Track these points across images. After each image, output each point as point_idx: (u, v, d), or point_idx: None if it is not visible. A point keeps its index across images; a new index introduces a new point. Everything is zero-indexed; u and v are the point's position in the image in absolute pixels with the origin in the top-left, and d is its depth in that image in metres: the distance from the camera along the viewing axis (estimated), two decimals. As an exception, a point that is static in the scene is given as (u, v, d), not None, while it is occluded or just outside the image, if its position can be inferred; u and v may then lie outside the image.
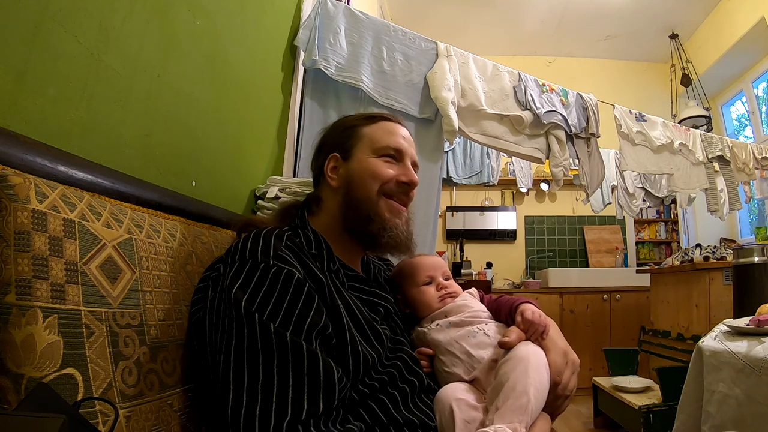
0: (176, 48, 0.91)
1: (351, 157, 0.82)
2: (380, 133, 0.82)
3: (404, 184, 0.81)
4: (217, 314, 0.62)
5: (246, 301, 0.59)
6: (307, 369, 0.57)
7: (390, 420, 0.67)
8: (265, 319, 0.58)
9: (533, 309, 0.78)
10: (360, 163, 0.80)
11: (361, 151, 0.81)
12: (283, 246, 0.66)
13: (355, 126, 0.84)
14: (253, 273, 0.61)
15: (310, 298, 0.63)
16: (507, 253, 4.34)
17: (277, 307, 0.59)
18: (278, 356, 0.57)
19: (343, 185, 0.80)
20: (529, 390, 0.65)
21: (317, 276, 0.66)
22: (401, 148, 0.82)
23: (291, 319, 0.60)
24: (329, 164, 0.82)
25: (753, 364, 1.15)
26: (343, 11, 1.60)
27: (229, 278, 0.62)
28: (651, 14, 3.82)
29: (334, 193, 0.81)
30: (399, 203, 0.81)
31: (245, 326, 0.58)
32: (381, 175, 0.79)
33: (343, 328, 0.66)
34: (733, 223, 4.02)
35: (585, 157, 2.13)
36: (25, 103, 0.59)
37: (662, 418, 1.98)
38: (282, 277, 0.62)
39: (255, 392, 0.55)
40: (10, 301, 0.44)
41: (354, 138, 0.82)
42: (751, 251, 1.65)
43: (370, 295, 0.78)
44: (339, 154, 0.82)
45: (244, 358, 0.57)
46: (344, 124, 0.86)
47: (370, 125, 0.84)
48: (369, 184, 0.79)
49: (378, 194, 0.79)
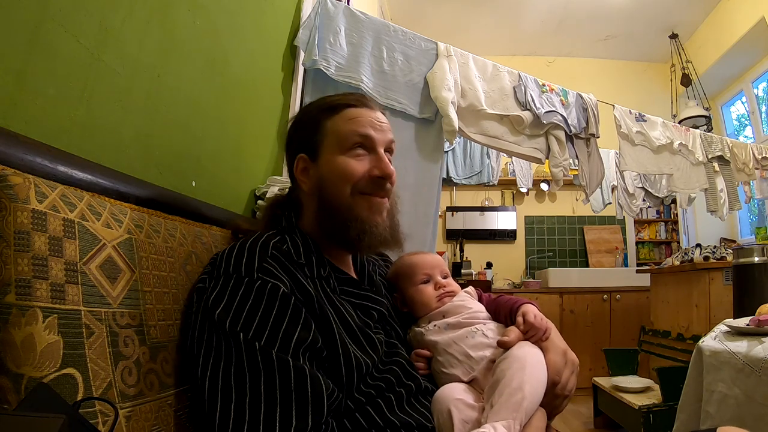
0: (176, 48, 0.91)
1: (319, 157, 0.76)
2: (343, 125, 0.75)
3: (378, 179, 0.74)
4: (200, 330, 0.62)
5: (230, 322, 0.59)
6: (295, 385, 0.57)
7: (386, 422, 0.66)
8: (251, 338, 0.58)
9: (535, 311, 0.77)
10: (328, 164, 0.74)
11: (327, 150, 0.75)
12: (268, 257, 0.64)
13: (318, 120, 0.77)
14: (237, 290, 0.61)
15: (296, 311, 0.62)
16: (507, 253, 4.34)
17: (262, 324, 0.59)
18: (265, 374, 0.56)
19: (315, 189, 0.76)
20: (524, 387, 0.65)
21: (305, 287, 0.65)
22: (369, 134, 0.74)
23: (277, 335, 0.59)
24: (298, 166, 0.78)
25: (753, 364, 1.15)
26: (343, 11, 1.60)
27: (212, 299, 0.61)
28: (651, 14, 3.82)
29: (309, 196, 0.77)
30: (377, 197, 0.75)
31: (232, 346, 0.58)
32: (351, 174, 0.73)
33: (334, 338, 0.65)
34: (733, 223, 4.02)
35: (585, 158, 2.13)
36: (25, 103, 0.59)
37: (662, 418, 1.98)
38: (267, 291, 0.61)
39: (242, 410, 0.55)
40: (10, 301, 0.44)
41: (319, 134, 0.76)
42: (751, 251, 1.65)
43: (362, 299, 0.76)
44: (306, 154, 0.77)
45: (231, 377, 0.57)
46: (307, 117, 0.79)
47: (332, 117, 0.76)
48: (340, 187, 0.73)
49: (352, 195, 0.73)
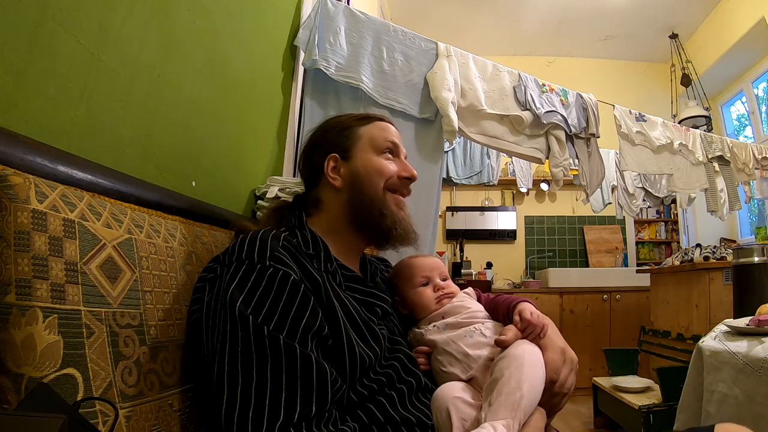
0: (176, 48, 0.91)
1: (352, 156, 0.83)
2: (377, 132, 0.86)
3: (406, 179, 0.85)
4: (213, 316, 0.63)
5: (241, 302, 0.60)
6: (300, 372, 0.58)
7: (387, 419, 0.67)
8: (260, 323, 0.59)
9: (531, 309, 0.77)
10: (363, 161, 0.83)
11: (362, 150, 0.84)
12: (279, 246, 0.66)
13: (351, 127, 0.86)
14: (250, 274, 0.62)
15: (305, 299, 0.63)
16: (507, 253, 4.34)
17: (272, 310, 0.60)
18: (272, 359, 0.57)
19: (348, 184, 0.82)
20: (522, 386, 0.65)
21: (314, 276, 0.67)
22: (396, 143, 0.87)
23: (286, 322, 0.60)
24: (329, 164, 0.83)
25: (753, 364, 1.16)
26: (343, 11, 1.60)
27: (226, 279, 0.63)
28: (651, 14, 3.82)
29: (336, 193, 0.82)
30: (402, 195, 0.86)
31: (239, 329, 0.59)
32: (385, 171, 0.82)
33: (339, 329, 0.66)
34: (733, 223, 4.02)
35: (585, 157, 2.13)
36: (25, 103, 0.59)
37: (662, 418, 1.98)
38: (278, 278, 0.62)
39: (248, 394, 0.56)
40: (10, 301, 0.44)
41: (352, 138, 0.84)
42: (751, 251, 1.65)
43: (367, 296, 0.79)
44: (338, 154, 0.83)
45: (238, 361, 0.57)
46: (339, 125, 0.87)
47: (366, 125, 0.86)
48: (375, 181, 0.82)
49: (384, 190, 0.82)
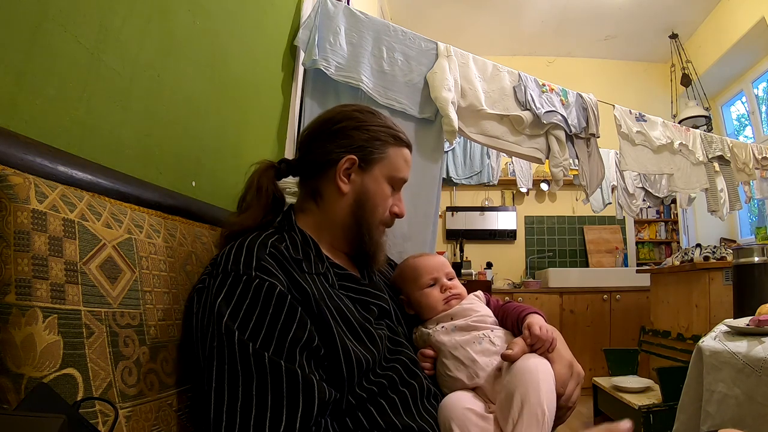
0: (176, 48, 0.91)
1: (370, 171, 0.80)
2: (401, 162, 0.83)
3: (395, 216, 0.84)
4: (202, 329, 0.63)
5: (228, 316, 0.60)
6: (287, 390, 0.57)
7: (388, 425, 0.65)
8: (246, 339, 0.59)
9: (541, 323, 0.75)
10: (376, 184, 0.80)
11: (381, 171, 0.80)
12: (266, 254, 0.65)
13: (384, 141, 0.81)
14: (236, 286, 0.62)
15: (292, 311, 0.62)
16: (507, 253, 4.34)
17: (258, 324, 0.60)
18: (257, 379, 0.57)
19: (353, 197, 0.79)
20: (542, 403, 0.64)
21: (301, 285, 0.65)
22: (406, 179, 0.85)
23: (273, 336, 0.60)
24: (344, 164, 0.78)
25: (753, 364, 1.15)
26: (343, 11, 1.60)
27: (213, 291, 0.63)
28: (651, 14, 3.82)
29: (339, 195, 0.79)
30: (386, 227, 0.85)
31: (226, 346, 0.58)
32: (386, 204, 0.82)
33: (332, 335, 0.65)
34: (733, 223, 4.02)
35: (585, 157, 2.13)
36: (25, 103, 0.59)
37: (662, 418, 1.98)
38: (264, 290, 0.62)
39: (234, 414, 0.56)
40: (10, 301, 0.44)
41: (379, 154, 0.80)
42: (751, 251, 1.65)
43: (362, 294, 0.76)
44: (357, 158, 0.78)
45: (225, 380, 0.57)
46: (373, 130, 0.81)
47: (396, 148, 0.82)
48: (377, 211, 0.80)
49: (379, 221, 0.81)
